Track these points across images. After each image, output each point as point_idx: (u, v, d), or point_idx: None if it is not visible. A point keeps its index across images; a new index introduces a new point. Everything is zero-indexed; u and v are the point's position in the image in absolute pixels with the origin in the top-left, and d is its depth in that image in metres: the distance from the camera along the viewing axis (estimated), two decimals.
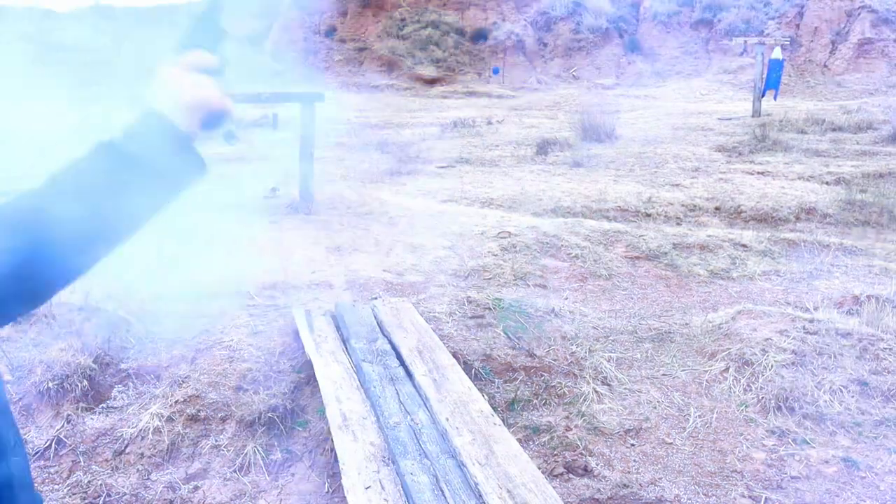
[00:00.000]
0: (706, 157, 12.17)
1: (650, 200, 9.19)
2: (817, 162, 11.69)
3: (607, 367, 4.30)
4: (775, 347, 4.26)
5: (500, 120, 17.78)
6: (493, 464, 2.88)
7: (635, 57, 27.90)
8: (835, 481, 3.25)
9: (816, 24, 25.99)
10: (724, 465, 3.40)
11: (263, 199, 8.91)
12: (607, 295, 5.88)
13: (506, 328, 4.55)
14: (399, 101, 23.51)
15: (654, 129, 15.39)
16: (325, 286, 5.49)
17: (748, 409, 3.86)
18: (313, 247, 6.68)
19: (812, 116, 15.76)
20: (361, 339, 4.19)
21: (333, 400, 3.48)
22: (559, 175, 10.85)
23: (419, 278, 5.87)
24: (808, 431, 3.64)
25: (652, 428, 3.72)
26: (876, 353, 4.25)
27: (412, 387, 3.64)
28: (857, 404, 3.82)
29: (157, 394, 3.89)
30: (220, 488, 3.40)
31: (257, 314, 4.82)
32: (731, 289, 6.11)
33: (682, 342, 4.76)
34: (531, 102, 22.16)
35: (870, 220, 8.72)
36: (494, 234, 7.13)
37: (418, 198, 9.45)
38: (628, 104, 21.10)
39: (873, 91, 22.12)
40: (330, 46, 30.33)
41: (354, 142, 14.66)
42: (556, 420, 3.76)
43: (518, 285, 5.92)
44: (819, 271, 6.59)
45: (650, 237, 7.24)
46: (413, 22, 30.14)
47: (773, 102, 17.94)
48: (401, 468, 2.86)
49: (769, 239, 7.38)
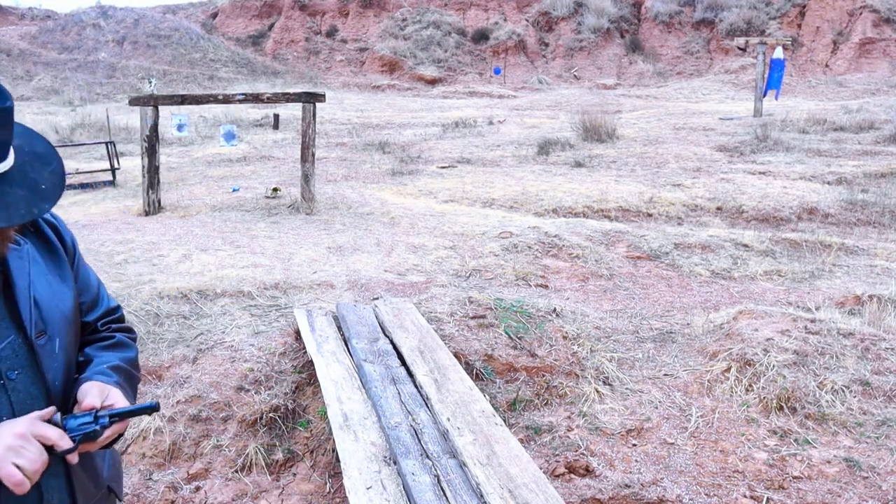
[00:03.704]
0: (708, 157, 12.17)
1: (651, 200, 9.18)
2: (819, 162, 11.68)
3: (609, 368, 4.30)
4: (777, 347, 4.26)
5: (501, 120, 17.78)
6: (494, 464, 2.88)
7: (637, 57, 27.89)
8: (837, 481, 3.25)
9: (818, 24, 25.96)
10: (726, 465, 3.40)
11: (265, 200, 8.92)
12: (609, 295, 5.88)
13: (507, 328, 4.55)
14: (400, 102, 23.52)
15: (655, 129, 15.38)
16: (326, 286, 5.49)
17: (750, 409, 3.85)
18: (314, 247, 6.68)
19: (813, 116, 15.74)
20: (363, 339, 4.19)
21: (335, 400, 3.48)
22: (560, 175, 10.85)
23: (420, 278, 5.87)
24: (810, 431, 3.64)
25: (653, 428, 3.71)
26: (878, 353, 4.24)
27: (413, 387, 3.64)
28: (859, 404, 3.81)
29: (159, 394, 3.89)
30: (221, 488, 3.40)
31: (259, 314, 4.83)
32: (733, 289, 6.10)
33: (683, 342, 4.75)
34: (532, 102, 22.16)
35: (871, 220, 8.71)
36: (496, 234, 7.13)
37: (420, 198, 9.46)
38: (629, 104, 21.09)
39: (875, 90, 22.09)
40: (331, 47, 30.34)
41: (356, 142, 14.66)
42: (558, 420, 3.76)
43: (519, 285, 5.91)
44: (821, 271, 6.58)
45: (651, 237, 7.24)
46: (414, 22, 30.15)
47: (775, 102, 17.93)
48: (402, 468, 2.86)
49: (771, 239, 7.38)
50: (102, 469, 1.48)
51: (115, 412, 1.29)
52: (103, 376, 1.38)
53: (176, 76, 26.90)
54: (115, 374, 1.41)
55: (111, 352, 1.47)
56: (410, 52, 28.67)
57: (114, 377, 1.40)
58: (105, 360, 1.43)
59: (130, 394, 1.45)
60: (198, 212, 8.44)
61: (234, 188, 9.70)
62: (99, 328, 1.51)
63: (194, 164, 12.55)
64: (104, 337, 1.50)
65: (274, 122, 16.80)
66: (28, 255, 1.35)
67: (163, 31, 29.92)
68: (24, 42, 29.41)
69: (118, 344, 1.50)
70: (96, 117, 17.15)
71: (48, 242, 1.41)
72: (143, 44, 29.06)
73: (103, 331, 1.51)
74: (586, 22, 28.57)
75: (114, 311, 1.57)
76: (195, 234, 7.17)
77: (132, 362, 1.50)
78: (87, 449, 1.30)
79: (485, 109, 20.61)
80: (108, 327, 1.52)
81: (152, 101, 8.62)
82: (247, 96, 8.93)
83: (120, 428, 1.32)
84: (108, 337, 1.51)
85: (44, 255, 1.39)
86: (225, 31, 31.77)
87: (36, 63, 27.51)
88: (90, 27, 30.12)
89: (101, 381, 1.35)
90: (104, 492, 1.48)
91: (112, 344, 1.49)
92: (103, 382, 1.35)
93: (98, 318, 1.51)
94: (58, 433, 1.22)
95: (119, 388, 1.38)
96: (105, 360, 1.43)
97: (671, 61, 27.51)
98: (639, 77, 26.73)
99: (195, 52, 28.87)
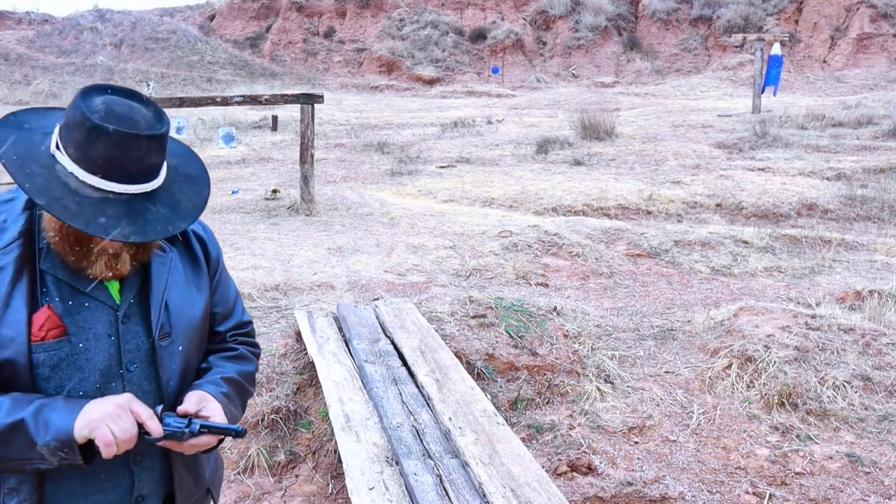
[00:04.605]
0: (706, 154, 12.17)
1: (651, 198, 9.19)
2: (818, 157, 11.68)
3: (610, 366, 4.30)
4: (778, 344, 4.26)
5: (499, 119, 17.78)
6: (496, 463, 2.88)
7: (634, 55, 27.89)
8: (839, 477, 3.25)
9: (815, 20, 25.96)
10: (728, 461, 3.40)
11: (264, 201, 8.92)
12: (609, 293, 5.88)
13: (508, 327, 4.55)
14: (399, 102, 23.52)
15: (653, 126, 15.38)
16: (326, 287, 5.49)
17: (751, 405, 3.86)
18: (314, 248, 6.68)
19: (812, 112, 15.75)
20: (364, 339, 4.19)
21: (336, 401, 3.48)
22: (560, 174, 10.85)
23: (421, 278, 5.87)
24: (812, 427, 3.64)
25: (655, 425, 3.72)
26: (879, 349, 4.24)
27: (415, 387, 3.64)
28: (861, 400, 3.81)
29: None
30: (224, 490, 3.40)
31: (259, 316, 4.83)
32: (733, 285, 6.11)
33: (684, 339, 4.75)
34: (531, 101, 22.16)
35: (871, 215, 8.71)
36: (496, 233, 7.13)
37: (419, 198, 9.46)
38: (628, 102, 21.09)
39: (873, 86, 22.10)
40: (329, 48, 30.34)
41: (354, 143, 14.66)
42: (560, 419, 3.76)
43: (520, 284, 5.92)
44: (821, 267, 6.58)
45: (651, 235, 7.24)
46: (412, 22, 30.14)
47: (773, 98, 17.93)
48: (404, 469, 2.86)
49: (770, 235, 7.38)
50: (206, 470, 1.57)
51: (206, 424, 1.38)
52: (213, 386, 1.47)
53: (174, 79, 26.90)
54: (225, 386, 1.50)
55: (231, 363, 1.57)
56: (408, 53, 28.67)
57: (223, 388, 1.49)
58: (221, 371, 1.53)
59: (237, 405, 1.54)
60: None
61: (234, 190, 9.71)
62: (227, 338, 1.61)
63: None
64: (229, 348, 1.60)
65: (272, 123, 16.81)
66: (170, 263, 1.46)
67: (160, 33, 29.91)
68: (22, 46, 29.40)
69: (239, 357, 1.60)
70: None
71: (193, 253, 1.53)
72: (141, 47, 29.06)
73: (230, 341, 1.61)
74: (584, 20, 28.57)
75: (245, 325, 1.67)
76: None
77: (248, 376, 1.60)
78: (172, 447, 1.39)
79: (483, 109, 20.61)
80: (234, 339, 1.62)
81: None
82: (245, 98, 8.93)
83: (209, 440, 1.39)
84: (232, 348, 1.61)
85: (185, 264, 1.51)
86: (222, 34, 31.77)
87: (34, 67, 27.51)
88: (88, 31, 30.11)
89: (206, 391, 1.44)
90: (203, 492, 1.57)
91: (234, 356, 1.59)
92: (208, 392, 1.44)
93: (229, 330, 1.62)
94: (148, 413, 1.32)
95: (224, 399, 1.46)
96: (222, 370, 1.53)
97: (669, 59, 27.51)
98: (637, 75, 26.73)
99: (193, 54, 28.87)
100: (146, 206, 1.27)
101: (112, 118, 1.22)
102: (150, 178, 1.28)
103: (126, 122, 1.23)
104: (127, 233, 1.23)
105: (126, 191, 1.25)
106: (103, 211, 1.22)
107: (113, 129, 1.21)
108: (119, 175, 1.23)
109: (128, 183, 1.25)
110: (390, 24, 30.26)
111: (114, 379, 1.37)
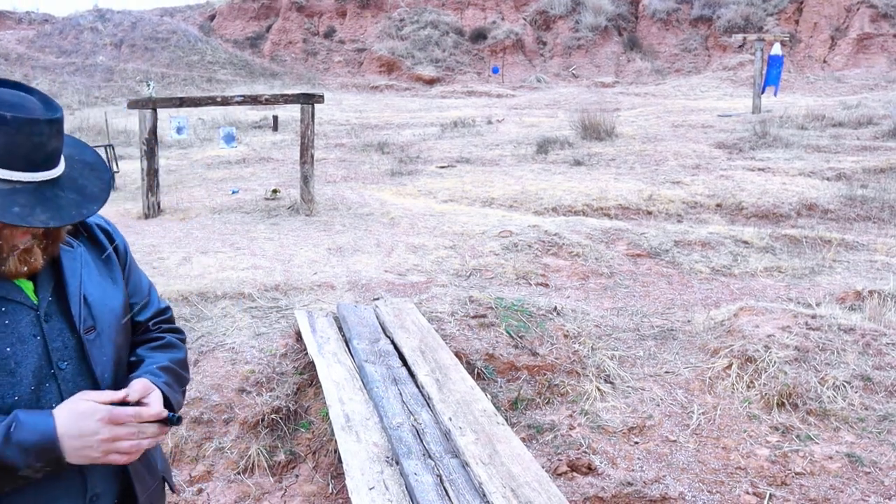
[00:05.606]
0: (706, 154, 12.17)
1: (651, 198, 9.19)
2: (818, 157, 11.68)
3: (610, 366, 4.30)
4: (778, 344, 4.26)
5: (499, 119, 17.78)
6: (496, 463, 2.88)
7: (635, 55, 27.89)
8: (839, 477, 3.25)
9: (815, 20, 25.96)
10: (728, 461, 3.40)
11: (264, 201, 8.92)
12: (609, 293, 5.88)
13: (508, 327, 4.55)
14: (399, 102, 23.52)
15: (654, 126, 15.38)
16: (326, 287, 5.50)
17: (751, 405, 3.86)
18: (314, 248, 6.68)
19: (812, 112, 15.75)
20: (364, 339, 4.19)
21: (336, 401, 3.48)
22: (560, 174, 10.85)
23: (421, 278, 5.87)
24: (812, 427, 3.64)
25: (655, 425, 3.72)
26: (879, 349, 4.24)
27: (415, 387, 3.64)
28: (861, 400, 3.81)
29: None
30: (224, 490, 3.40)
31: (259, 316, 4.83)
32: (733, 285, 6.11)
33: (684, 339, 4.75)
34: (531, 101, 22.16)
35: (871, 216, 8.71)
36: (496, 233, 7.13)
37: (419, 198, 9.46)
38: (628, 102, 21.09)
39: (873, 86, 22.10)
40: (329, 48, 30.34)
41: (354, 143, 14.66)
42: (560, 419, 3.76)
43: (520, 284, 5.92)
44: (821, 267, 6.58)
45: (651, 235, 7.24)
46: (412, 22, 30.14)
47: (773, 99, 17.93)
48: (404, 468, 2.86)
49: (770, 235, 7.38)
50: (157, 461, 1.60)
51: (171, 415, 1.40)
52: (152, 376, 1.48)
53: (174, 79, 26.90)
54: (163, 375, 1.51)
55: (161, 352, 1.58)
56: (408, 53, 28.66)
57: (162, 377, 1.50)
58: (155, 361, 1.54)
59: (178, 392, 1.55)
60: (197, 214, 8.44)
61: (234, 190, 9.71)
62: (150, 328, 1.62)
63: (193, 166, 12.55)
64: (155, 338, 1.61)
65: (273, 123, 16.81)
66: (80, 257, 1.46)
67: (160, 33, 29.90)
68: (22, 46, 29.39)
69: (168, 345, 1.61)
70: (95, 121, 17.15)
71: (100, 246, 1.53)
72: (141, 47, 29.05)
73: (154, 330, 1.62)
74: (584, 20, 28.56)
75: (164, 311, 1.68)
76: (195, 236, 7.17)
77: (181, 362, 1.60)
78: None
79: (483, 109, 20.61)
80: (158, 327, 1.63)
81: (151, 103, 8.62)
82: (245, 98, 8.93)
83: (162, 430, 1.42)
84: (158, 338, 1.61)
85: (95, 257, 1.50)
86: (223, 34, 31.76)
87: (34, 67, 27.49)
88: (88, 31, 30.10)
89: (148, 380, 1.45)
90: (159, 482, 1.60)
91: (162, 345, 1.60)
92: (151, 382, 1.45)
93: (150, 318, 1.62)
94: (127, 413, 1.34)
95: (167, 388, 1.48)
96: (155, 360, 1.54)
97: (669, 59, 27.51)
98: (637, 75, 26.73)
99: (193, 54, 28.86)
100: (55, 192, 1.28)
101: (7, 106, 1.22)
102: (53, 165, 1.28)
103: (21, 108, 1.23)
104: (44, 218, 1.24)
105: (33, 179, 1.25)
106: (15, 201, 1.22)
107: (11, 116, 1.21)
108: (23, 163, 1.24)
109: (33, 170, 1.25)
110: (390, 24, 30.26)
111: (47, 379, 1.35)
